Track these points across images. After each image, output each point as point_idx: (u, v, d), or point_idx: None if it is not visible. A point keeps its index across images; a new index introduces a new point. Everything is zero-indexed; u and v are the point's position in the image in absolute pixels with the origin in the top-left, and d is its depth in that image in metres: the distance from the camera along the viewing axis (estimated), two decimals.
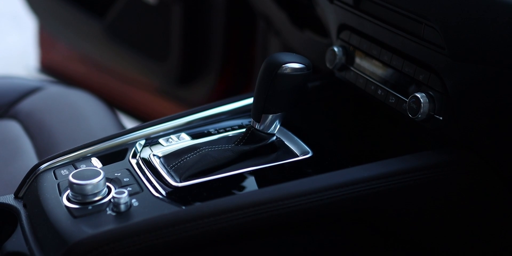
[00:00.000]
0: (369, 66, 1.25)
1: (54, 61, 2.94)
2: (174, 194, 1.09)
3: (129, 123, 2.49)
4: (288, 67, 1.12)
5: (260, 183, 1.13)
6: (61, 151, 1.21)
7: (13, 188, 1.20)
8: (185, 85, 2.34)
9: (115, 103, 2.56)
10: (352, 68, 1.30)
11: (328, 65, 1.33)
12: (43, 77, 2.92)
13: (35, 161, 1.52)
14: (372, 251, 1.14)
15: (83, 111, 1.70)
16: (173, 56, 2.27)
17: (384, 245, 1.13)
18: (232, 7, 2.17)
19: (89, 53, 2.70)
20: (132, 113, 2.64)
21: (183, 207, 1.05)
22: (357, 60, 1.28)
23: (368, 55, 1.26)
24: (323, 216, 1.06)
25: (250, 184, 1.13)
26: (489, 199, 1.13)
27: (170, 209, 1.05)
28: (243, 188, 1.12)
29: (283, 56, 1.13)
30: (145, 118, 2.61)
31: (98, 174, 1.07)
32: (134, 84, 2.59)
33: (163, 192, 1.09)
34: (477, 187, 1.12)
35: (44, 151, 1.55)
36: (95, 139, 1.24)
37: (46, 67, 2.96)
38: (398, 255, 1.16)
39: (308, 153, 1.18)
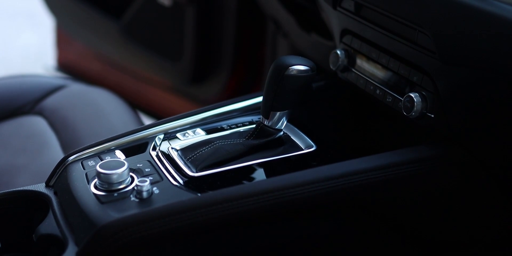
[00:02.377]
0: (369, 68, 1.31)
1: (71, 60, 2.98)
2: (191, 183, 1.16)
3: (145, 120, 2.56)
4: (294, 69, 1.20)
5: (268, 173, 1.20)
6: (87, 145, 1.28)
7: (41, 179, 1.27)
8: (197, 84, 2.39)
9: (130, 100, 2.60)
10: (353, 70, 1.35)
11: (331, 66, 1.39)
12: (60, 75, 2.97)
13: (60, 154, 1.60)
14: (369, 236, 1.21)
15: (104, 108, 1.78)
16: (186, 56, 2.31)
17: (379, 230, 1.21)
18: (243, 9, 2.21)
19: (105, 53, 2.74)
20: (146, 110, 2.68)
21: (199, 194, 1.13)
22: (358, 62, 1.34)
23: (368, 58, 1.31)
24: (325, 203, 1.13)
25: (259, 174, 1.20)
26: (475, 188, 1.20)
27: (188, 196, 1.12)
28: (253, 178, 1.19)
29: (290, 59, 1.21)
30: (158, 115, 2.63)
31: (123, 165, 1.15)
32: (149, 83, 2.63)
33: (181, 181, 1.16)
34: (465, 178, 1.18)
35: (68, 145, 1.63)
36: (117, 134, 1.31)
37: (63, 65, 3.00)
38: (392, 239, 1.23)
39: (312, 147, 1.25)
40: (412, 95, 1.19)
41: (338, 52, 1.38)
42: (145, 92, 2.69)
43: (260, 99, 1.36)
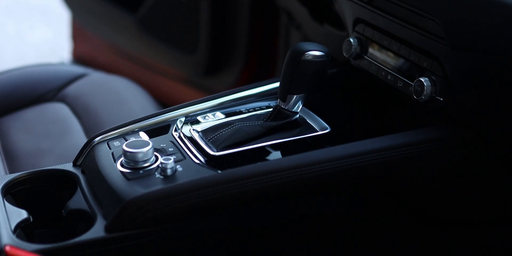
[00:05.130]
0: (381, 55, 1.36)
1: (86, 53, 3.02)
2: (212, 161, 1.22)
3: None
4: (310, 55, 1.26)
5: (285, 153, 1.25)
6: (112, 127, 1.34)
7: (66, 161, 1.33)
8: (211, 76, 2.43)
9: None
10: (365, 57, 1.40)
11: (344, 54, 1.44)
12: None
13: (83, 138, 1.67)
14: (381, 213, 1.27)
15: (125, 95, 1.84)
16: (201, 48, 2.35)
17: (390, 207, 1.26)
18: (257, 2, 2.26)
19: (121, 46, 2.78)
20: (160, 102, 2.71)
21: (220, 172, 1.19)
22: (370, 50, 1.39)
23: (379, 45, 1.36)
24: (339, 181, 1.19)
25: (277, 154, 1.26)
26: (482, 168, 1.25)
27: (209, 173, 1.18)
28: (270, 157, 1.25)
29: (306, 45, 1.27)
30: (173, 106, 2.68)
31: (147, 144, 1.21)
32: (163, 75, 2.67)
33: (203, 160, 1.22)
34: (472, 158, 1.24)
35: (91, 130, 1.69)
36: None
37: (78, 58, 3.03)
38: (403, 216, 1.28)
39: (326, 129, 1.30)
40: (422, 79, 1.24)
41: (351, 40, 1.43)
42: (159, 84, 2.72)
43: (275, 85, 1.43)
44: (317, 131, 1.31)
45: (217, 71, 2.43)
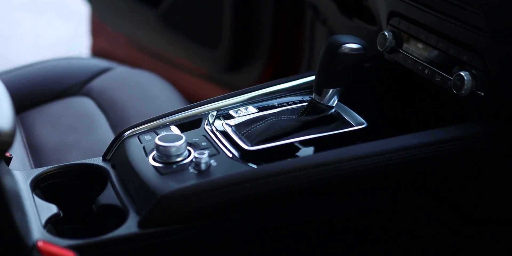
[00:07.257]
0: (417, 49, 1.33)
1: (105, 48, 2.98)
2: (246, 156, 1.20)
3: None
4: (347, 47, 1.24)
5: (321, 148, 1.23)
6: (142, 120, 1.32)
7: (92, 155, 1.32)
8: (234, 71, 2.40)
9: None
10: (401, 51, 1.37)
11: (379, 47, 1.41)
12: None
13: (110, 132, 1.65)
14: (419, 209, 1.24)
15: (151, 89, 1.82)
16: (224, 44, 2.33)
17: (429, 204, 1.24)
18: None
19: (142, 41, 2.75)
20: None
21: (255, 167, 1.16)
22: (406, 44, 1.36)
23: (416, 38, 1.33)
24: (377, 177, 1.17)
25: (313, 149, 1.23)
26: None
27: (244, 168, 1.16)
28: (306, 152, 1.23)
29: (343, 37, 1.25)
30: (193, 102, 2.67)
31: (180, 138, 1.19)
32: (183, 70, 2.64)
33: (237, 155, 1.20)
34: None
35: (117, 124, 1.67)
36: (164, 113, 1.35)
37: (97, 54, 2.98)
38: (441, 213, 1.26)
39: (363, 124, 1.28)
40: (462, 73, 1.21)
41: (386, 33, 1.40)
42: (179, 79, 2.68)
43: (307, 79, 1.40)
44: (353, 126, 1.28)
45: (240, 66, 2.41)
